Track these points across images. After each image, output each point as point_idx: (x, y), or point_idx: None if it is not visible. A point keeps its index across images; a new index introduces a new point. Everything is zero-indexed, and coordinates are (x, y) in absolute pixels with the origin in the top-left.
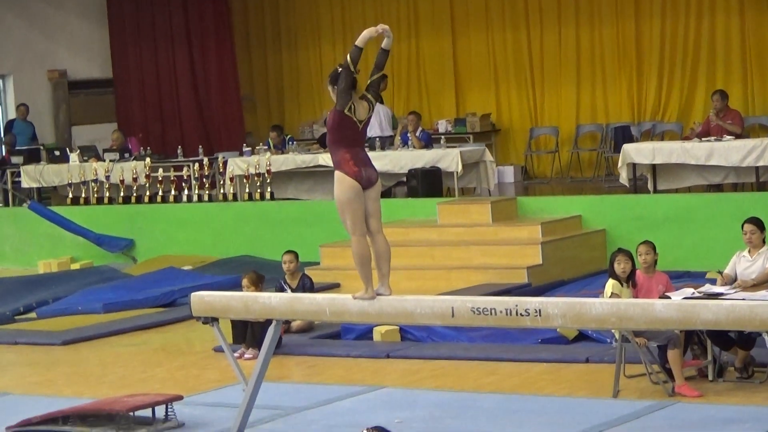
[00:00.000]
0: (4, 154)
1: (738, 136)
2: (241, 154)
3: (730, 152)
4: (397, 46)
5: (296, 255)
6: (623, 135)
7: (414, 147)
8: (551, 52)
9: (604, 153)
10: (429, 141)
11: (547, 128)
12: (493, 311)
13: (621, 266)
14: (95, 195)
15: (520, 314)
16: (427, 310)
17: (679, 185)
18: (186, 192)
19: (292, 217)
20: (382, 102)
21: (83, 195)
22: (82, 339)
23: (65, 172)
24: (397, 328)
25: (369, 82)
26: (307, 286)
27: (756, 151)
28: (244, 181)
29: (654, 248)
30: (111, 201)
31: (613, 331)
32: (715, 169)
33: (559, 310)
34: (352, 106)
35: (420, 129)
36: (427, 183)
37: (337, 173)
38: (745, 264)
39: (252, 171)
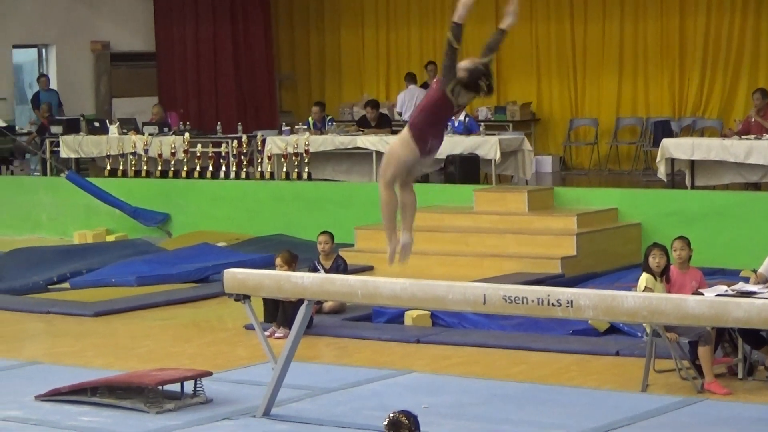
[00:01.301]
0: (41, 121)
1: None
2: (280, 132)
3: None
4: (441, 32)
5: (331, 236)
6: (663, 129)
7: (463, 126)
8: (594, 44)
9: (643, 147)
10: (474, 126)
11: (587, 120)
12: (524, 300)
13: (656, 261)
14: (133, 168)
15: (552, 304)
16: (459, 296)
17: (717, 182)
18: (223, 169)
19: (328, 198)
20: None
21: (121, 167)
22: (114, 311)
23: (104, 143)
24: (429, 314)
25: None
26: (340, 267)
27: None
28: (282, 160)
29: (689, 244)
30: (148, 174)
31: (644, 325)
32: (754, 168)
33: (590, 302)
34: (457, 89)
35: (465, 114)
36: (465, 169)
37: (405, 133)
38: None
39: (290, 150)
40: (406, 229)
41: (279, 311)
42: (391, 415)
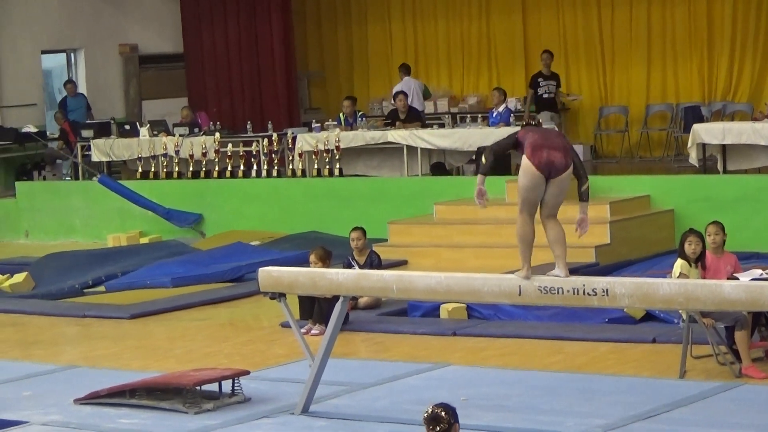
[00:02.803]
0: (62, 123)
1: None
2: (311, 129)
3: None
4: (468, 24)
5: (364, 232)
6: (693, 115)
7: (500, 117)
8: (622, 30)
9: (673, 133)
10: (508, 119)
11: (617, 107)
12: (560, 290)
13: (692, 247)
14: (164, 169)
15: (588, 294)
16: (494, 288)
17: (749, 166)
18: (255, 167)
19: (360, 194)
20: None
21: (153, 169)
22: (150, 313)
23: (135, 146)
24: (464, 306)
25: None
26: (374, 262)
27: None
28: (313, 157)
29: (723, 229)
30: (180, 176)
31: (680, 311)
32: None
33: (626, 290)
34: None
35: (504, 105)
36: (496, 161)
37: (523, 159)
38: None
39: (321, 147)
40: (558, 265)
41: (315, 308)
42: (430, 409)
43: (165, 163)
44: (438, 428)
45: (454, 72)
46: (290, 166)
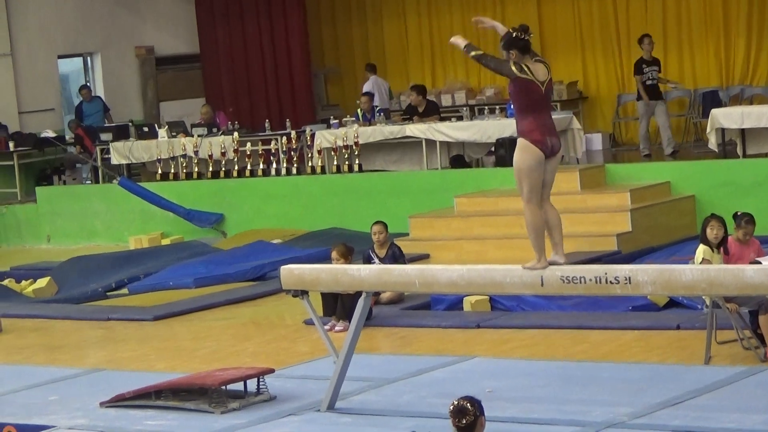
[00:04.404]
0: (76, 130)
1: None
2: (329, 126)
3: None
4: (483, 14)
5: (385, 225)
6: (711, 100)
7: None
8: (638, 17)
9: (692, 118)
10: None
11: (635, 95)
12: (582, 279)
13: (714, 232)
14: (184, 170)
15: (610, 282)
16: (517, 279)
17: None
18: (274, 165)
19: (380, 189)
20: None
21: (172, 170)
22: (174, 314)
23: (154, 147)
24: (487, 298)
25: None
26: (396, 254)
27: None
28: (332, 153)
29: (753, 220)
30: (200, 176)
31: (703, 297)
32: None
33: (648, 277)
34: (527, 69)
35: None
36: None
37: (521, 141)
38: None
39: (340, 143)
40: (556, 252)
41: (338, 305)
42: (456, 402)
43: (184, 164)
44: (464, 421)
45: (471, 64)
46: (309, 164)
